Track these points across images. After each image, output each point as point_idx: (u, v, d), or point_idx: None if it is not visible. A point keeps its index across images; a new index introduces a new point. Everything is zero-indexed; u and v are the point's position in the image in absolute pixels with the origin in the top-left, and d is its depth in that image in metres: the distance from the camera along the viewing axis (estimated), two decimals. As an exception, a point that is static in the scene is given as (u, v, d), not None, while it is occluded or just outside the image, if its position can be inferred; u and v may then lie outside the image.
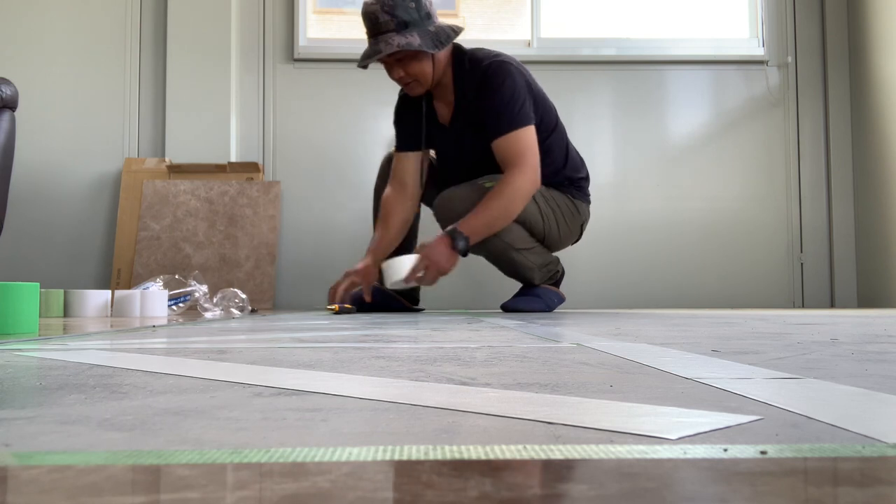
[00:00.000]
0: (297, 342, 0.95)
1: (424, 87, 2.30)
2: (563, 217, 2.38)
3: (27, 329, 1.14)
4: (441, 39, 2.22)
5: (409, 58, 2.22)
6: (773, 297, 3.32)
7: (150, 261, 2.99)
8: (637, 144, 3.36)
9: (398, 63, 2.24)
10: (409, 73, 2.25)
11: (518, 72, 2.29)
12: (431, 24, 2.23)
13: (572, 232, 2.44)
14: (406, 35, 2.17)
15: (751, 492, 0.25)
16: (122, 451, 0.32)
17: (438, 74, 2.29)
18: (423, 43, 2.18)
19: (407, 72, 2.25)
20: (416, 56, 2.22)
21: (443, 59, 2.29)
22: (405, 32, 2.17)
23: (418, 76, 2.25)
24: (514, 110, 2.22)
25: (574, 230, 2.45)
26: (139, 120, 3.26)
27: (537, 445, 0.32)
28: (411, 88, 2.30)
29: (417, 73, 2.25)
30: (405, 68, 2.24)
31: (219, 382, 0.54)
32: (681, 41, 3.39)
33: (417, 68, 2.24)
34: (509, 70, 2.27)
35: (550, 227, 2.36)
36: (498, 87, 2.23)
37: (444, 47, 2.23)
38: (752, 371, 0.59)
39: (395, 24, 2.17)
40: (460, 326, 1.36)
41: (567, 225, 2.40)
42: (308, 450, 0.31)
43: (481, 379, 0.55)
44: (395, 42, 2.16)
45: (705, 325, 1.37)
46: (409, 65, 2.23)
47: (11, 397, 0.48)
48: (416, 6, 2.19)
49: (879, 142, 3.14)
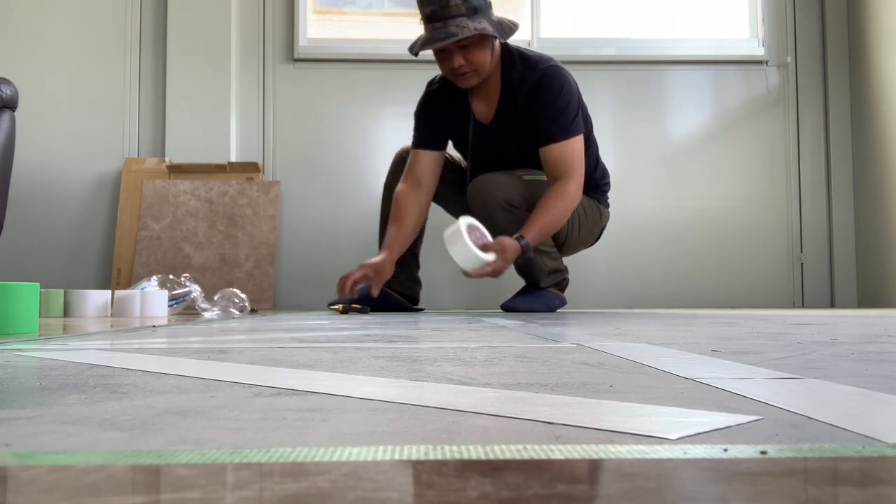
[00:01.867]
0: (297, 342, 0.95)
1: (480, 77, 2.21)
2: (587, 220, 2.38)
3: (27, 329, 1.14)
4: (505, 29, 2.18)
5: (475, 45, 2.14)
6: (773, 297, 3.32)
7: (150, 261, 2.99)
8: (637, 144, 3.36)
9: (461, 50, 2.15)
10: (471, 61, 2.16)
11: (573, 80, 2.27)
12: (493, 15, 2.19)
13: (592, 235, 2.45)
14: (477, 21, 2.10)
15: (751, 492, 0.25)
16: (122, 451, 0.32)
17: (491, 68, 2.23)
18: (495, 29, 2.12)
19: (468, 59, 2.15)
20: (482, 44, 2.15)
21: (496, 52, 2.23)
22: (475, 18, 2.10)
23: (479, 65, 2.17)
24: (568, 119, 2.20)
25: (594, 233, 2.46)
26: (139, 120, 3.26)
27: (537, 445, 0.32)
28: (466, 79, 2.21)
29: (479, 62, 2.16)
30: (468, 56, 2.15)
31: (219, 382, 0.54)
32: (681, 41, 3.39)
33: (480, 57, 2.16)
34: (566, 78, 2.24)
35: (573, 230, 2.35)
36: (556, 93, 2.20)
37: (508, 37, 2.19)
38: (752, 371, 0.59)
39: (465, 9, 2.10)
40: (460, 326, 1.36)
41: (589, 228, 2.41)
42: (308, 450, 0.31)
43: (481, 379, 0.55)
44: (470, 26, 2.08)
45: (705, 325, 1.37)
46: (472, 52, 2.15)
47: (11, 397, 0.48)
48: None
49: (879, 142, 3.14)
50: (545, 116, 2.20)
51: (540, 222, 2.13)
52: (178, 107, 3.19)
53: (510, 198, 2.21)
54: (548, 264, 2.35)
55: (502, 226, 2.21)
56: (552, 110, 2.20)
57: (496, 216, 2.22)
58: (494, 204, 2.21)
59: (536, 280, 2.38)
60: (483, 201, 2.22)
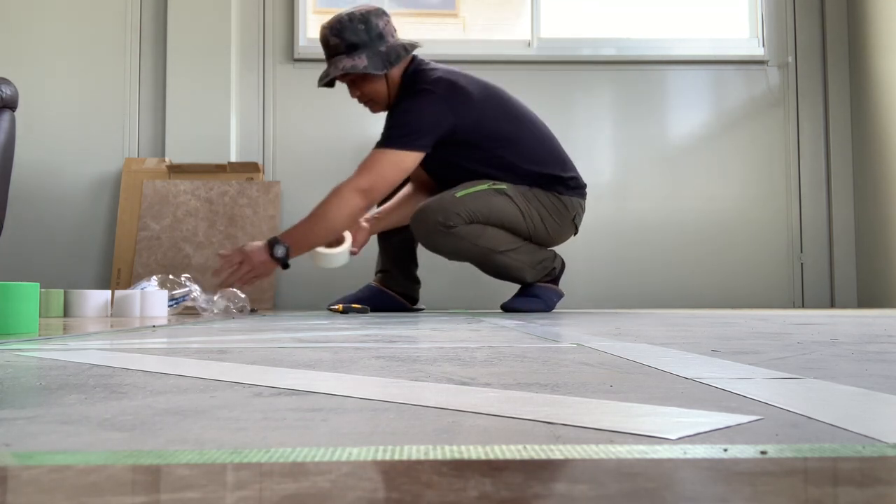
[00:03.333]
0: (297, 342, 0.95)
1: (381, 105, 2.35)
2: (548, 214, 2.36)
3: (27, 329, 1.14)
4: (391, 59, 2.26)
5: (360, 79, 2.29)
6: (773, 297, 3.32)
7: (150, 261, 2.99)
8: (637, 144, 3.36)
9: (352, 84, 2.32)
10: (364, 94, 2.33)
11: (442, 99, 2.25)
12: (383, 45, 2.26)
13: (563, 227, 2.42)
14: (354, 57, 2.23)
15: (751, 492, 0.25)
16: (122, 451, 0.32)
17: (394, 92, 2.32)
18: (369, 64, 2.23)
19: (361, 92, 2.32)
20: (366, 78, 2.28)
21: (396, 79, 2.33)
22: (354, 55, 2.24)
23: (372, 96, 2.32)
24: (397, 130, 2.23)
25: (565, 225, 2.43)
26: (139, 120, 3.26)
27: (537, 445, 0.32)
28: (370, 108, 2.38)
29: (371, 94, 2.32)
30: (359, 89, 2.32)
31: (219, 382, 0.54)
32: (681, 41, 3.39)
33: (370, 88, 2.30)
34: (428, 93, 2.25)
35: (535, 225, 2.35)
36: (406, 105, 2.27)
37: (393, 67, 2.26)
38: (752, 371, 0.59)
39: (344, 47, 2.24)
40: (460, 326, 1.36)
41: (555, 221, 2.38)
42: (308, 450, 0.31)
43: (481, 379, 0.55)
44: (341, 65, 2.23)
45: (705, 325, 1.37)
46: (361, 86, 2.31)
47: (11, 397, 0.48)
48: (365, 28, 2.24)
49: (879, 142, 3.14)
50: (386, 121, 2.30)
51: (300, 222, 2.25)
52: (178, 107, 3.18)
53: (445, 219, 2.22)
54: (522, 259, 2.34)
55: (449, 248, 2.27)
56: (391, 118, 2.29)
57: (438, 241, 2.26)
58: (434, 230, 2.23)
59: (521, 279, 2.38)
60: (424, 231, 2.26)
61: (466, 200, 2.25)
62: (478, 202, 2.25)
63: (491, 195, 2.28)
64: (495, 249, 2.28)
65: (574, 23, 3.44)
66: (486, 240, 2.26)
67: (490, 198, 2.27)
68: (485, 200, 2.26)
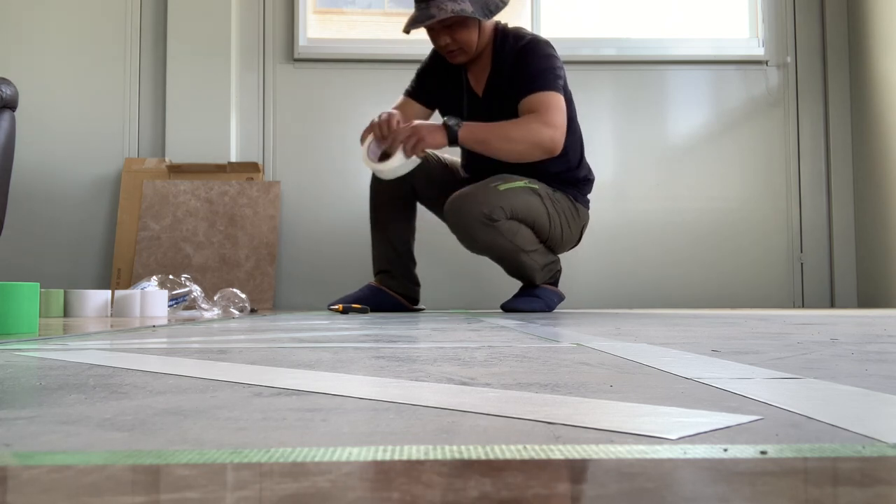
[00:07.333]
0: (296, 342, 0.95)
1: (468, 55, 2.29)
2: (566, 220, 2.38)
3: (27, 329, 1.14)
4: (491, 8, 2.22)
5: (459, 25, 2.21)
6: (773, 297, 3.32)
7: (150, 261, 2.99)
8: (637, 144, 3.36)
9: (446, 30, 2.23)
10: (456, 41, 2.24)
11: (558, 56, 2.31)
12: None
13: (573, 235, 2.44)
14: (459, 1, 2.17)
15: (751, 492, 0.25)
16: (122, 451, 0.32)
17: (482, 45, 2.29)
18: (475, 10, 2.18)
19: (454, 38, 2.24)
20: (466, 23, 2.22)
21: (487, 31, 2.29)
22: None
23: (464, 44, 2.25)
24: (549, 76, 2.22)
25: (575, 233, 2.45)
26: (139, 120, 3.26)
27: (537, 445, 0.32)
28: (454, 56, 2.29)
29: (464, 41, 2.24)
30: (453, 35, 2.23)
31: (219, 382, 0.54)
32: (681, 41, 3.39)
33: (465, 36, 2.23)
34: (551, 46, 2.29)
35: (555, 229, 2.35)
36: (541, 54, 2.25)
37: (493, 16, 2.23)
38: (752, 371, 0.59)
39: None
40: (460, 326, 1.36)
41: (570, 228, 2.40)
42: (308, 450, 0.31)
43: (481, 379, 0.55)
44: (448, 7, 2.15)
45: (705, 325, 1.37)
46: (457, 32, 2.23)
47: (11, 397, 0.48)
48: None
49: (879, 142, 3.14)
50: (528, 73, 2.23)
51: (486, 125, 2.17)
52: (178, 107, 3.19)
53: (490, 212, 2.20)
54: (538, 261, 2.35)
55: (486, 243, 2.23)
56: (534, 67, 2.24)
57: (477, 233, 2.22)
58: (474, 220, 2.20)
59: (531, 279, 2.39)
60: (461, 219, 2.22)
61: (510, 196, 2.24)
62: (518, 199, 2.24)
63: (528, 194, 2.27)
64: (524, 248, 2.28)
65: (574, 23, 3.44)
66: (519, 238, 2.26)
67: (527, 196, 2.27)
68: (524, 198, 2.26)
